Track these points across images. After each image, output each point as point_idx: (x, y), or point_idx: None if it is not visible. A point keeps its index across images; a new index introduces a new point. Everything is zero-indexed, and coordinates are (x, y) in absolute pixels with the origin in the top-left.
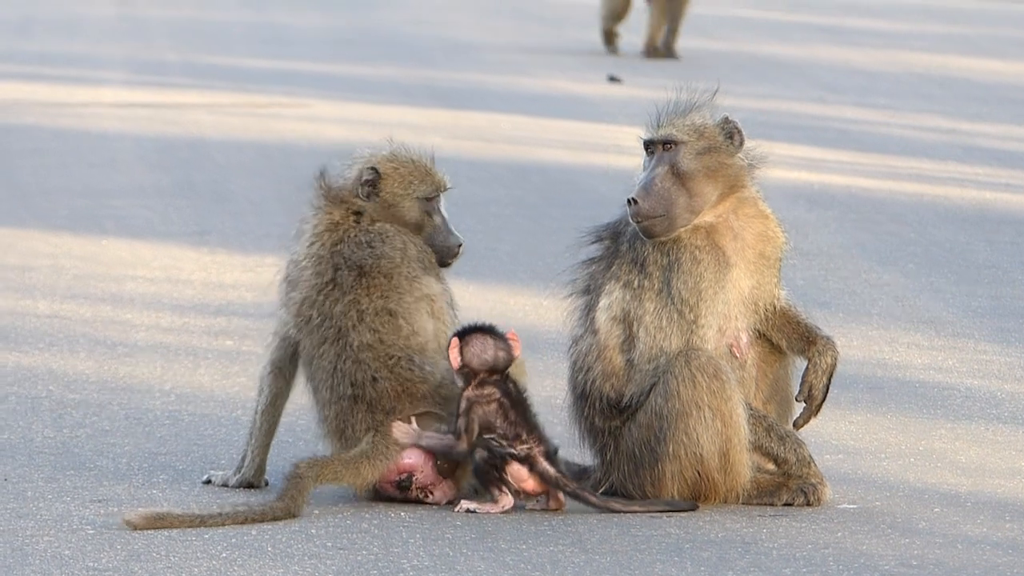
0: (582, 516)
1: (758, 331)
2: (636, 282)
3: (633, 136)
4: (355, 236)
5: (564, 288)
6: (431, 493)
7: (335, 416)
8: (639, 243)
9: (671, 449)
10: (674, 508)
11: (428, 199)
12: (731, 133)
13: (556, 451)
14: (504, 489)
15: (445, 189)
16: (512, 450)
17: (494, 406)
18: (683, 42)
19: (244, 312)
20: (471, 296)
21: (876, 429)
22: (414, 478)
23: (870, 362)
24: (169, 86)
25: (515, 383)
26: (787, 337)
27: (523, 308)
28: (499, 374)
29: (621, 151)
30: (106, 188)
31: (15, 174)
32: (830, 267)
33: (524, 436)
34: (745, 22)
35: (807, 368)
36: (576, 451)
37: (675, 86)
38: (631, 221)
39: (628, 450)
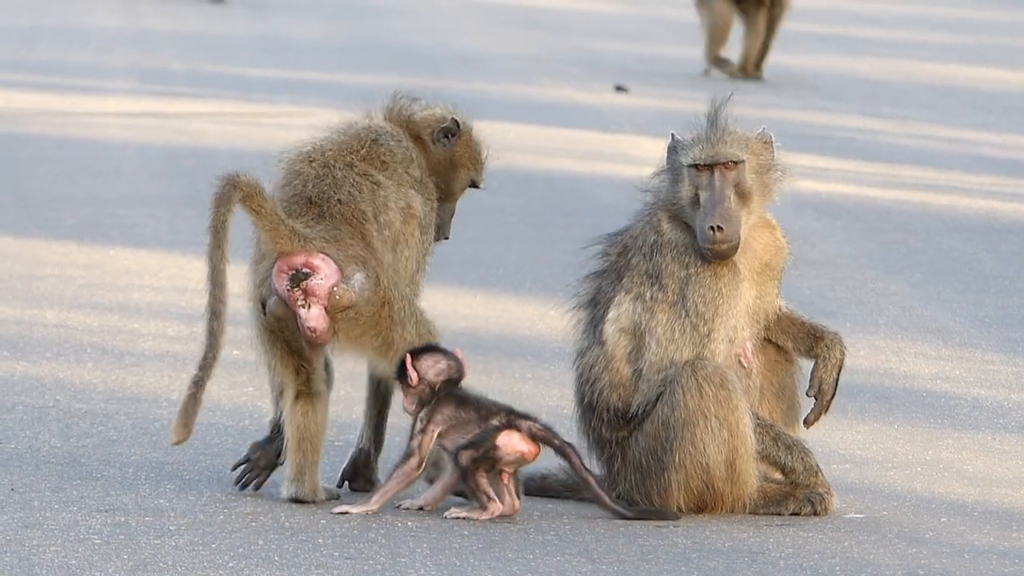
0: (589, 526)
1: (763, 338)
2: (649, 294)
3: (639, 145)
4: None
5: (568, 301)
6: (311, 307)
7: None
8: (656, 256)
9: (677, 459)
10: (656, 516)
11: (472, 185)
12: (768, 146)
13: (532, 414)
14: (492, 495)
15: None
16: (491, 424)
17: (453, 403)
18: (688, 52)
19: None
20: (477, 305)
21: (883, 439)
22: (310, 279)
23: (877, 372)
24: (175, 95)
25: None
26: (792, 337)
27: (529, 317)
28: (451, 384)
29: (627, 160)
30: (112, 197)
31: (21, 183)
32: (837, 276)
33: (493, 410)
34: None
35: (816, 364)
36: (584, 461)
37: (682, 96)
38: (706, 246)
39: (635, 460)
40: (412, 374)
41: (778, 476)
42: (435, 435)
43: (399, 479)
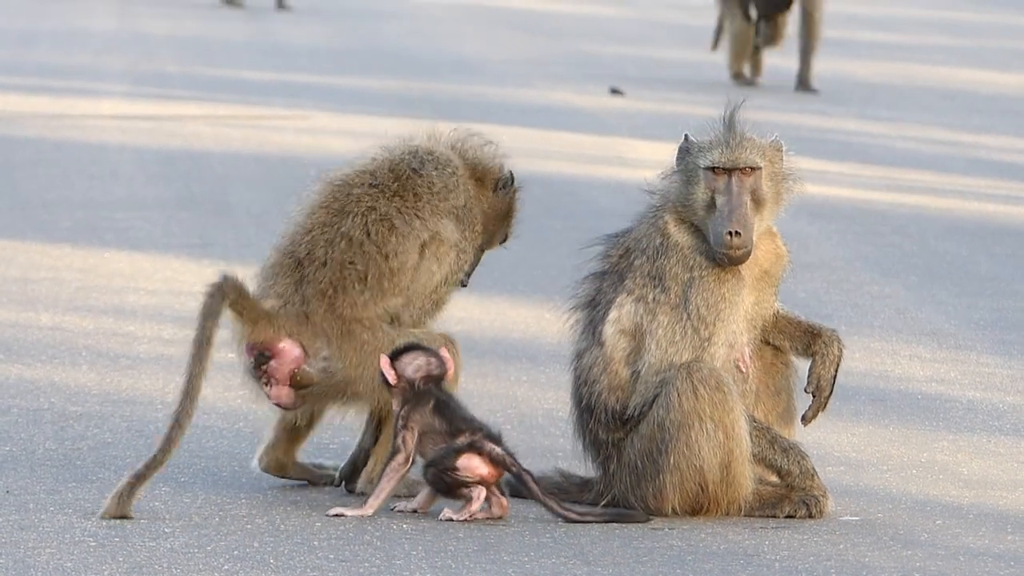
0: (584, 528)
1: (759, 341)
2: (651, 296)
3: (635, 148)
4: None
5: (566, 301)
6: (275, 386)
7: (271, 262)
8: (660, 258)
9: (672, 461)
10: (628, 519)
11: (502, 241)
12: (780, 154)
13: (500, 435)
14: (469, 487)
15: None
16: (455, 444)
17: (431, 406)
18: (683, 53)
19: None
20: (472, 307)
21: (878, 441)
22: (270, 363)
23: (872, 374)
24: (170, 98)
25: (446, 390)
26: (790, 336)
27: (524, 320)
28: (434, 382)
29: (624, 163)
30: (107, 200)
31: (16, 186)
32: (832, 279)
33: (462, 428)
34: None
35: (814, 360)
36: (579, 464)
37: (678, 99)
38: (722, 250)
39: (630, 462)
40: (390, 374)
41: (774, 479)
42: (415, 432)
43: (390, 477)
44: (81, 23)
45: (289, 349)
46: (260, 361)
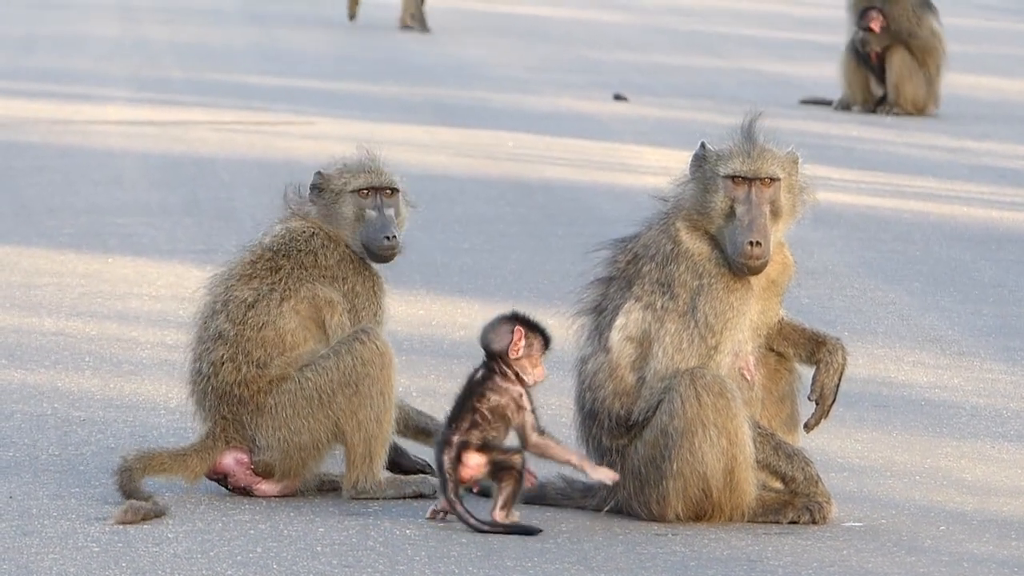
0: (587, 534)
1: (764, 348)
2: (660, 303)
3: (639, 154)
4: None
5: (571, 307)
6: (254, 489)
7: (191, 395)
8: (670, 265)
9: (676, 467)
10: (519, 531)
11: (362, 193)
12: (795, 164)
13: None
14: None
15: (381, 185)
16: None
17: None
18: (686, 60)
19: None
20: (475, 314)
21: (882, 447)
22: (228, 479)
23: (876, 380)
24: (174, 104)
25: (481, 370)
26: (794, 344)
27: None
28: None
29: (627, 169)
30: (111, 206)
31: (20, 192)
32: (835, 286)
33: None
34: (750, 40)
35: (818, 368)
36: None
37: (682, 105)
38: (741, 260)
39: (634, 468)
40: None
41: (777, 485)
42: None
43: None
44: (83, 28)
45: (231, 461)
46: (223, 484)
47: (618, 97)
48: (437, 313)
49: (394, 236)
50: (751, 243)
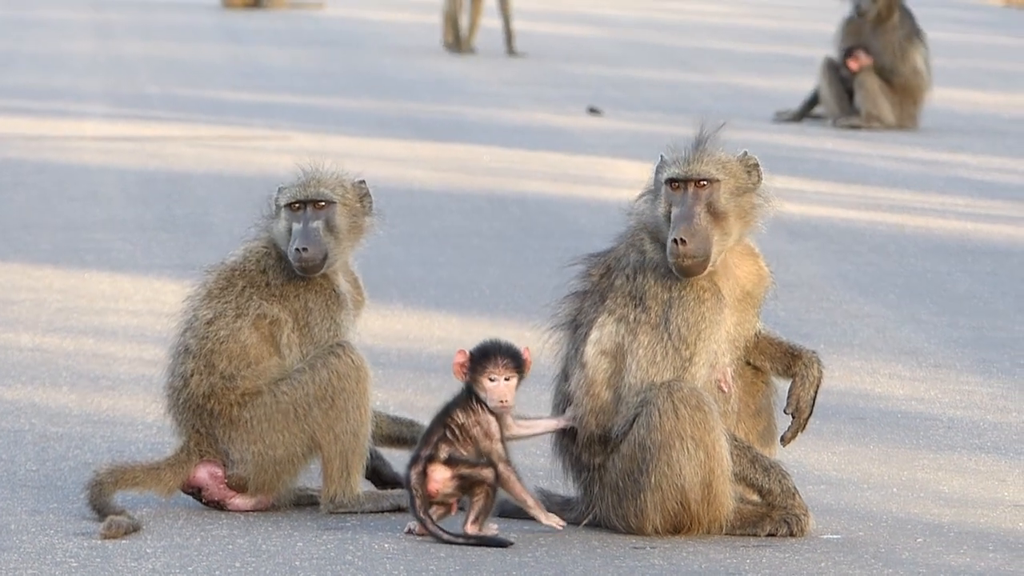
0: (565, 548)
1: (741, 361)
2: (632, 316)
3: (614, 168)
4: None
5: (547, 321)
6: (227, 503)
7: (167, 410)
8: (639, 277)
9: (654, 480)
10: (490, 543)
11: (292, 207)
12: (750, 170)
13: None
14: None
15: (307, 198)
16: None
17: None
18: (661, 74)
19: None
20: (452, 328)
21: (859, 460)
22: (202, 493)
23: (852, 393)
24: (150, 119)
25: (461, 393)
26: (770, 357)
27: (504, 339)
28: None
29: (603, 183)
30: (88, 221)
31: None
32: (811, 298)
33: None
34: (726, 54)
35: (794, 382)
36: (560, 483)
37: (656, 119)
38: (671, 260)
39: (612, 482)
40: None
41: (755, 498)
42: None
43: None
44: (61, 45)
45: (205, 474)
46: (197, 497)
47: (592, 110)
48: (414, 327)
49: (306, 248)
50: (675, 240)
